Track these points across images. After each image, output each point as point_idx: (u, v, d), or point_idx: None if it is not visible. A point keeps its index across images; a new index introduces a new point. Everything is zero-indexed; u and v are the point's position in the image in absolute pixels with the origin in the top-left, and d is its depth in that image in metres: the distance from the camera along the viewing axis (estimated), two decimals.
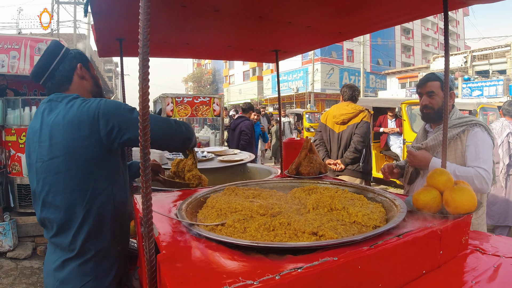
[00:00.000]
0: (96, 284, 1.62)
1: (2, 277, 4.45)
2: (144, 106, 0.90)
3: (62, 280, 1.60)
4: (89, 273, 1.61)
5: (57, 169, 1.56)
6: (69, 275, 1.60)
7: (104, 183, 1.63)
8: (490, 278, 1.21)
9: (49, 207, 1.60)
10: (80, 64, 1.80)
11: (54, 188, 1.58)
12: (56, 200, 1.58)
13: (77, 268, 1.60)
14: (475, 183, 2.16)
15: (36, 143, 1.62)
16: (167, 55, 3.44)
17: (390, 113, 8.89)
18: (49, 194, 1.59)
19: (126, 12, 2.05)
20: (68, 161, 1.55)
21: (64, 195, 1.57)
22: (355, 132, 4.36)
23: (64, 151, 1.55)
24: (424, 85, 2.49)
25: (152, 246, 0.97)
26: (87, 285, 1.60)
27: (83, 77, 1.82)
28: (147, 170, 0.94)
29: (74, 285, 1.59)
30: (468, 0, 1.91)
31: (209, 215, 1.42)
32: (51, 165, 1.57)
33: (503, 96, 20.41)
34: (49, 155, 1.57)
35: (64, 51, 1.80)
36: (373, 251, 1.02)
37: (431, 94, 2.44)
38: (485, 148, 2.28)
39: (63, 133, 1.56)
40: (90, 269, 1.61)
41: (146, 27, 0.88)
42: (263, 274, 0.86)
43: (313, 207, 1.46)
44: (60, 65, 1.75)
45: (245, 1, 1.99)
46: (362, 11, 2.16)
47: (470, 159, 2.27)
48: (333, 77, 37.61)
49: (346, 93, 4.57)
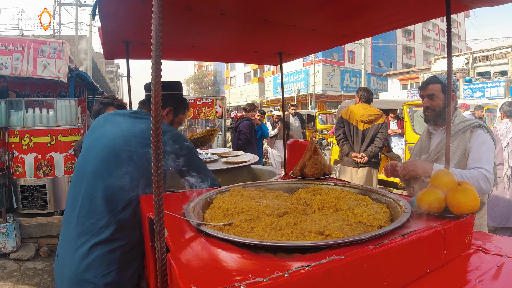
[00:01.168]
0: (119, 276, 1.67)
1: (5, 278, 4.47)
2: (157, 108, 0.92)
3: (86, 267, 1.65)
4: (114, 263, 1.67)
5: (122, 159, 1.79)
6: (95, 261, 1.65)
7: (149, 186, 1.75)
8: (493, 277, 1.23)
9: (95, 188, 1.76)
10: (170, 108, 2.13)
11: (107, 172, 1.77)
12: (105, 185, 1.75)
13: (105, 255, 1.66)
14: (481, 184, 2.20)
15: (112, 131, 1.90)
16: (172, 58, 3.47)
17: (392, 115, 8.90)
18: (101, 176, 1.77)
19: (133, 15, 2.08)
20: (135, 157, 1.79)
21: (116, 180, 1.74)
22: (380, 131, 5.15)
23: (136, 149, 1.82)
24: (425, 88, 2.57)
25: (164, 245, 1.00)
26: (110, 274, 1.65)
27: (163, 117, 2.09)
28: (158, 170, 0.96)
29: (97, 273, 1.64)
30: (470, 4, 1.94)
31: (216, 215, 1.44)
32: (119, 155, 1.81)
33: (505, 97, 20.36)
34: (123, 146, 1.83)
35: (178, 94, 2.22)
36: (379, 250, 1.04)
37: (431, 97, 2.50)
38: (487, 149, 2.32)
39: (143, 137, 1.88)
40: (116, 259, 1.68)
41: (159, 31, 0.91)
42: (273, 272, 0.88)
43: (319, 208, 1.49)
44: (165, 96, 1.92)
45: (251, 5, 2.01)
46: (365, 14, 2.19)
47: (473, 160, 2.31)
48: (334, 78, 37.60)
49: (364, 96, 5.29)
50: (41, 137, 5.40)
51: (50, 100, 5.78)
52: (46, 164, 5.35)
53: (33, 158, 5.36)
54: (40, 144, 5.39)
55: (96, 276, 1.64)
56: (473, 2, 1.92)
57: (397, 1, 1.98)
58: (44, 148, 5.39)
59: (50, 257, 5.20)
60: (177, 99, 2.17)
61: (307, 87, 36.20)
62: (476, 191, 1.39)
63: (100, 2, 1.83)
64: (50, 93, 6.93)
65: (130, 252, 1.74)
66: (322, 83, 36.11)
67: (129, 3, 1.89)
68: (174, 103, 2.14)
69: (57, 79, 5.40)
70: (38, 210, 5.44)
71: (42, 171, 5.38)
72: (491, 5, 1.92)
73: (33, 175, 5.38)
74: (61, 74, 5.41)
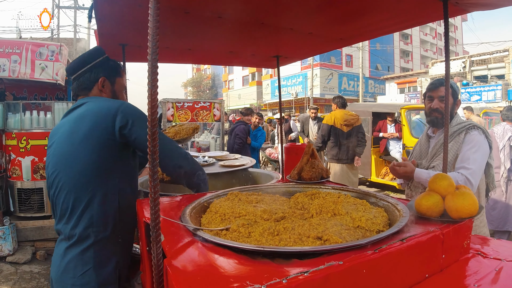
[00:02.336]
0: (96, 273, 1.65)
1: (2, 281, 4.44)
2: (153, 112, 0.91)
3: (64, 268, 1.66)
4: (88, 262, 1.65)
5: (70, 154, 1.70)
6: (71, 263, 1.65)
7: (111, 176, 1.73)
8: (492, 281, 1.22)
9: (59, 193, 1.72)
10: (103, 78, 1.92)
11: (62, 173, 1.70)
12: (63, 186, 1.70)
13: (78, 256, 1.65)
14: None
15: (57, 135, 1.79)
16: (169, 61, 3.47)
17: (389, 118, 8.91)
18: (58, 179, 1.71)
19: (129, 18, 2.07)
20: (83, 147, 1.67)
21: (71, 179, 1.68)
22: (360, 131, 6.27)
23: (82, 138, 1.68)
24: (437, 89, 2.49)
25: (160, 251, 0.99)
26: (87, 273, 1.64)
27: (101, 90, 1.93)
28: (155, 175, 0.95)
29: (74, 273, 1.64)
30: (467, 7, 1.94)
31: (213, 220, 1.43)
32: (66, 151, 1.71)
33: (502, 101, 20.48)
34: (67, 141, 1.72)
35: (101, 60, 1.95)
36: (378, 255, 1.03)
37: (443, 99, 2.41)
38: (477, 150, 2.29)
39: (82, 122, 1.71)
40: (89, 257, 1.66)
41: (155, 34, 0.90)
42: (270, 278, 0.87)
43: (317, 212, 1.48)
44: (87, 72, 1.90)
45: (247, 8, 2.01)
46: (363, 17, 2.19)
47: (460, 160, 2.29)
48: (332, 82, 37.65)
49: (340, 103, 6.53)
50: (39, 140, 5.38)
51: (48, 102, 5.75)
52: (43, 167, 5.31)
53: (30, 161, 5.34)
54: (38, 147, 5.37)
55: (74, 277, 1.64)
56: (470, 5, 1.92)
57: (394, 4, 1.98)
58: (42, 151, 5.36)
59: (47, 260, 5.16)
60: (104, 65, 1.95)
61: (305, 91, 36.24)
62: (474, 195, 1.39)
63: (96, 4, 1.83)
64: (47, 96, 6.91)
65: (103, 249, 1.71)
66: (320, 87, 36.14)
67: (125, 6, 1.89)
68: (103, 70, 1.94)
69: (55, 82, 5.38)
70: (35, 213, 5.40)
71: (39, 174, 5.36)
72: (488, 8, 1.93)
73: (30, 178, 5.35)
74: (59, 77, 5.39)
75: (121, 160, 1.77)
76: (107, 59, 1.97)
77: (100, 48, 2.02)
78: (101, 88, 1.93)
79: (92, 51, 1.98)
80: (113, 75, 1.98)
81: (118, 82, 2.01)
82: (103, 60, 1.95)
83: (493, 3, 1.87)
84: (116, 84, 2.00)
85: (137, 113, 1.76)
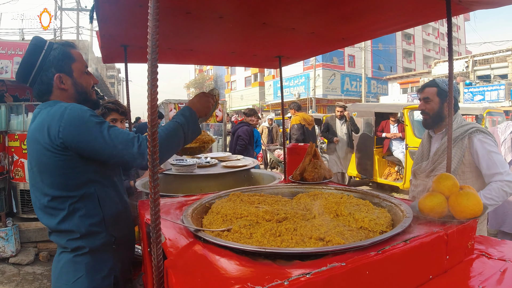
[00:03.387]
0: (88, 280, 1.61)
1: (5, 282, 4.44)
2: (153, 112, 0.91)
3: (58, 275, 1.63)
4: (80, 269, 1.61)
5: (36, 178, 1.62)
6: (64, 268, 1.62)
7: (83, 188, 1.61)
8: (497, 282, 1.21)
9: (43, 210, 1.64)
10: (57, 75, 1.66)
11: (36, 191, 1.64)
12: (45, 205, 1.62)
13: (70, 262, 1.61)
14: (506, 191, 2.21)
15: (28, 145, 1.68)
16: (171, 62, 3.45)
17: (392, 118, 8.88)
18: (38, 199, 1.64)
19: (131, 19, 2.06)
20: (39, 170, 1.59)
21: (45, 199, 1.60)
22: (317, 129, 8.42)
23: (37, 162, 1.59)
24: (422, 91, 2.58)
25: (160, 252, 0.98)
26: (79, 281, 1.60)
27: (62, 88, 1.70)
28: (155, 176, 0.94)
29: (67, 279, 1.60)
30: (470, 6, 1.92)
31: (215, 221, 1.42)
32: (33, 174, 1.63)
33: (505, 101, 20.41)
34: (30, 163, 1.64)
35: (45, 53, 1.67)
36: (381, 257, 1.02)
37: (426, 100, 2.50)
38: (495, 151, 2.31)
39: (34, 144, 1.59)
40: (81, 264, 1.61)
41: (155, 34, 0.89)
42: (272, 280, 0.86)
43: (319, 213, 1.46)
44: (37, 75, 1.67)
45: (249, 8, 2.00)
46: (365, 17, 2.17)
47: (487, 167, 2.29)
48: (335, 82, 37.63)
49: (296, 107, 8.25)
50: None
51: None
52: None
53: None
54: None
55: (67, 283, 1.60)
56: (473, 4, 1.90)
57: (396, 4, 1.96)
58: None
59: (50, 261, 5.16)
60: (51, 58, 1.66)
61: (307, 91, 36.23)
62: (478, 195, 1.37)
63: (98, 5, 1.82)
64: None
65: (95, 257, 1.64)
66: (323, 87, 36.13)
67: (126, 7, 1.88)
68: (53, 65, 1.66)
69: None
70: None
71: None
72: (491, 7, 1.91)
73: None
74: None
75: (86, 170, 1.61)
76: (50, 49, 1.67)
77: (38, 41, 1.70)
78: (61, 87, 1.68)
79: (30, 49, 1.67)
80: (67, 64, 1.69)
81: (75, 69, 1.73)
82: (47, 53, 1.66)
83: (495, 1, 1.85)
84: (75, 71, 1.72)
85: (75, 121, 1.54)
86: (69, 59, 1.71)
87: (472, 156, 2.34)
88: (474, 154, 2.33)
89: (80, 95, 1.77)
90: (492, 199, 2.20)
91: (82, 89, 1.77)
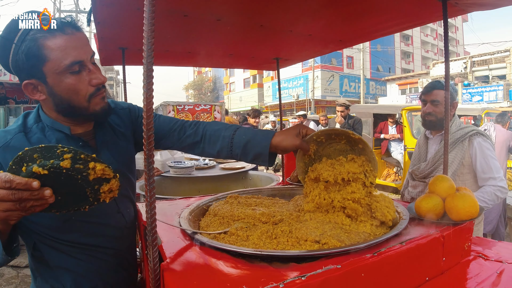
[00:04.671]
0: None
1: (3, 285, 4.44)
2: (149, 116, 0.91)
3: None
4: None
5: None
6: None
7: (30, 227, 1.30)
8: (493, 284, 1.21)
9: None
10: (25, 83, 1.20)
11: None
12: None
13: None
14: (498, 196, 2.27)
15: None
16: (169, 64, 3.46)
17: (390, 120, 8.90)
18: None
19: (129, 22, 2.07)
20: None
21: None
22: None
23: None
24: (430, 93, 2.51)
25: (156, 255, 0.98)
26: None
27: (40, 98, 1.25)
28: (151, 179, 0.94)
29: None
30: (467, 7, 1.93)
31: (212, 223, 1.42)
32: None
33: (503, 101, 20.45)
34: None
35: (13, 53, 1.17)
36: (377, 259, 1.02)
37: (436, 103, 2.46)
38: (492, 156, 2.35)
39: None
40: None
41: (151, 37, 0.89)
42: (267, 283, 0.86)
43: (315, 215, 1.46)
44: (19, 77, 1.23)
45: (246, 10, 2.01)
46: (362, 19, 2.18)
47: (483, 171, 2.34)
48: (333, 84, 37.68)
49: (254, 114, 8.00)
50: None
51: None
52: None
53: None
54: None
55: None
56: (469, 5, 1.91)
57: (394, 5, 1.97)
58: None
59: None
60: (20, 57, 1.16)
61: (306, 93, 36.27)
62: (474, 197, 1.38)
63: (95, 8, 1.83)
64: None
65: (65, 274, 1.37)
66: (321, 89, 36.17)
67: (124, 10, 1.88)
68: (23, 68, 1.18)
69: None
70: None
71: None
72: (487, 8, 1.92)
73: None
74: None
75: None
76: (21, 41, 1.15)
77: (8, 31, 1.17)
78: (36, 98, 1.23)
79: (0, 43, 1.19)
80: (35, 67, 1.18)
81: (49, 72, 1.19)
82: (17, 49, 1.16)
83: (492, 3, 1.86)
84: (49, 76, 1.19)
85: None
86: (37, 60, 1.16)
87: (471, 158, 2.36)
88: (472, 156, 2.36)
89: (65, 108, 1.28)
90: (485, 201, 2.24)
91: (65, 101, 1.25)
